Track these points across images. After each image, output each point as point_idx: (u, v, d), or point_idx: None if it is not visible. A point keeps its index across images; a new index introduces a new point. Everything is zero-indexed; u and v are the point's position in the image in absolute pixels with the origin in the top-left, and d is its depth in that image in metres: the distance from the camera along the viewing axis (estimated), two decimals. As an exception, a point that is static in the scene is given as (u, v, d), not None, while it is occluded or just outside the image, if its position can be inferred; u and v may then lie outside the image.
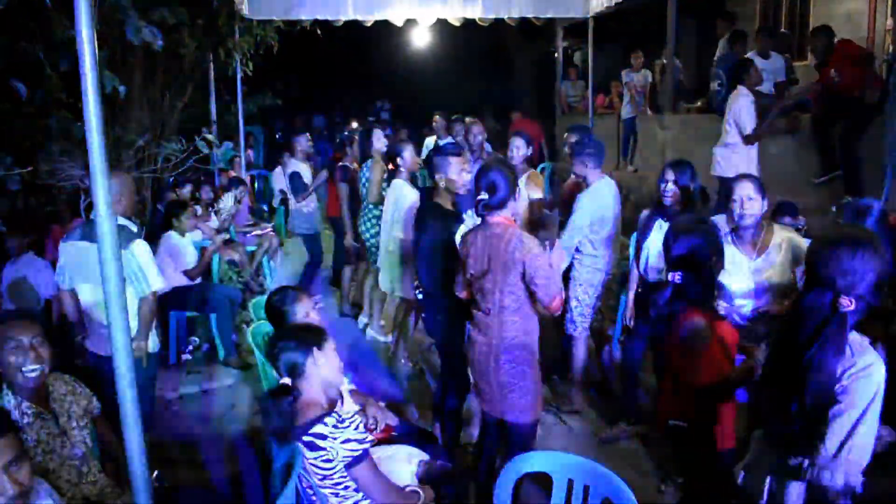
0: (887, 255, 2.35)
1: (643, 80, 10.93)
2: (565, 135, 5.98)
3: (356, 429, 2.75)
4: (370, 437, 3.07)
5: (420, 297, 4.66)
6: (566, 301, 5.19)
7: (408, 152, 5.91)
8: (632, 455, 4.64)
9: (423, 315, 4.84)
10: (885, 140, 6.08)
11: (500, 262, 3.42)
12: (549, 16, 10.66)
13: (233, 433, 5.07)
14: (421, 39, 16.97)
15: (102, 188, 2.41)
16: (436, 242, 4.27)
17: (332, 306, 7.84)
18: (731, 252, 3.78)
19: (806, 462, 2.43)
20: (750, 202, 3.83)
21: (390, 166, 6.17)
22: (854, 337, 2.36)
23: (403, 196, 5.67)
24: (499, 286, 3.45)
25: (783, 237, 3.89)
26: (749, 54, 8.07)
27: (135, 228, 4.22)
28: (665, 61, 10.08)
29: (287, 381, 2.85)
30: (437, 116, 9.84)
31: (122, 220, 4.11)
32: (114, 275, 2.47)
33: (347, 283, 7.64)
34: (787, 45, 9.56)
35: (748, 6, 12.16)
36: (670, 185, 4.42)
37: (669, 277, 3.07)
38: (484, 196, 3.50)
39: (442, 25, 10.55)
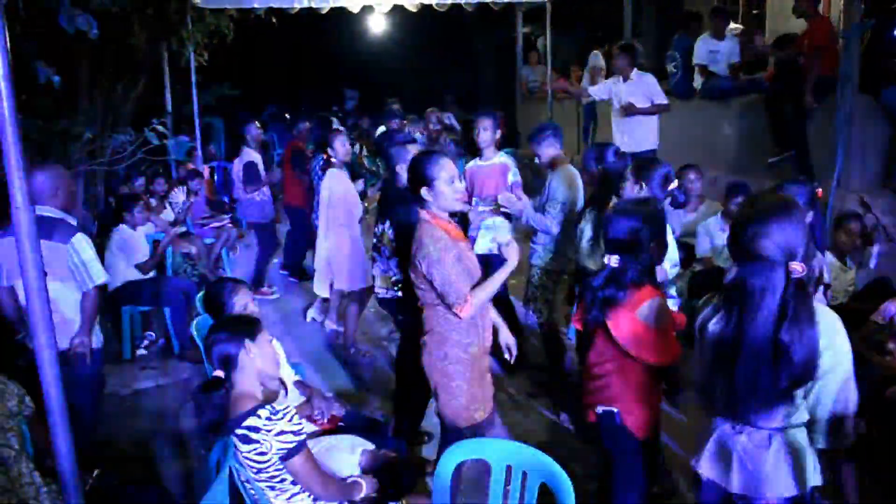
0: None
1: (603, 63, 10.93)
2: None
3: (291, 420, 2.70)
4: (308, 429, 3.02)
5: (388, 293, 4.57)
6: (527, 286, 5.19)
7: (339, 142, 5.97)
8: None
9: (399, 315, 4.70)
10: (836, 120, 6.14)
11: (412, 259, 3.36)
12: (507, 0, 10.65)
13: (188, 428, 5.01)
14: (380, 27, 16.85)
15: (19, 180, 2.36)
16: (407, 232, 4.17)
17: (293, 297, 7.79)
18: None
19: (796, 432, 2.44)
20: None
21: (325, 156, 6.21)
22: None
23: (333, 186, 5.73)
24: (416, 284, 3.39)
25: None
26: (702, 36, 8.09)
27: (74, 222, 4.12)
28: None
29: (220, 373, 2.80)
30: (395, 105, 9.78)
31: (59, 214, 4.02)
32: (32, 268, 2.41)
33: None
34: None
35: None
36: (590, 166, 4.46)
37: (606, 261, 3.03)
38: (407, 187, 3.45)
39: (401, 12, 10.48)
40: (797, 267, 2.28)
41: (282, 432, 2.66)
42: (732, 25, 8.86)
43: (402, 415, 4.38)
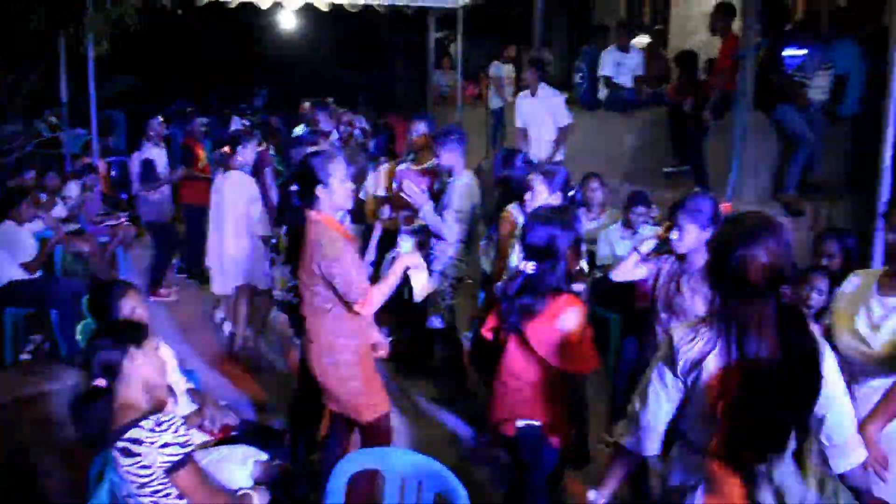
0: None
1: (510, 73, 11.06)
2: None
3: (176, 432, 2.58)
4: (197, 440, 2.91)
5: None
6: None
7: (247, 145, 5.91)
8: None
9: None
10: (733, 134, 6.38)
11: (308, 262, 3.31)
12: (419, 4, 10.66)
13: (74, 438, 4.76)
14: (291, 24, 16.60)
15: None
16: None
17: (192, 300, 7.54)
18: None
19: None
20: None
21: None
22: None
23: (234, 187, 5.67)
24: (309, 286, 3.35)
25: None
26: (609, 48, 8.27)
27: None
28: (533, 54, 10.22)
29: (101, 382, 2.66)
30: (307, 104, 9.62)
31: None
32: None
33: None
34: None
35: (613, 2, 12.52)
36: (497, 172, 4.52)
37: (521, 267, 3.02)
38: (296, 188, 3.38)
39: (313, 11, 10.34)
40: (787, 290, 2.17)
41: (166, 444, 2.55)
42: (639, 39, 9.08)
43: (300, 423, 4.29)
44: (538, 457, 3.12)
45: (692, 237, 3.24)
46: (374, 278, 4.21)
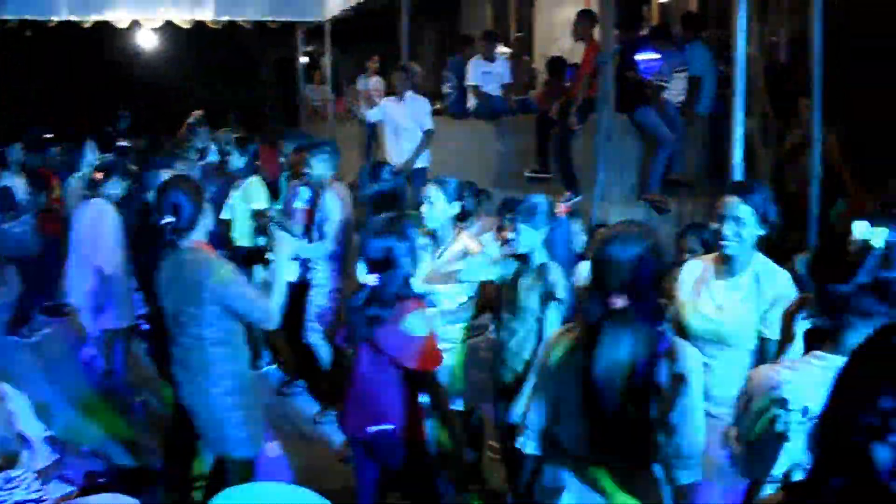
0: None
1: (378, 85, 11.05)
2: None
3: (28, 488, 2.40)
4: (56, 492, 2.72)
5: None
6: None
7: (114, 174, 5.64)
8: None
9: None
10: (597, 138, 6.57)
11: (192, 292, 3.19)
12: (285, 19, 10.50)
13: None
14: (154, 43, 16.03)
15: None
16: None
17: (57, 338, 7.10)
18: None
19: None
20: (430, 205, 3.96)
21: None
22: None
23: (98, 218, 5.44)
24: (195, 318, 3.22)
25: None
26: (474, 58, 8.39)
27: None
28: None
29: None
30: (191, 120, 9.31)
31: None
32: None
33: None
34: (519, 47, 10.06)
35: (481, 11, 12.74)
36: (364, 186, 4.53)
37: (365, 280, 3.08)
38: (170, 219, 3.24)
39: (177, 29, 10.01)
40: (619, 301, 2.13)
41: (18, 503, 2.36)
42: (502, 49, 9.24)
43: (175, 460, 4.09)
44: (394, 460, 3.19)
45: (528, 237, 3.41)
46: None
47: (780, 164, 6.40)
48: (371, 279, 3.07)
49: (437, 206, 4.01)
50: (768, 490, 1.81)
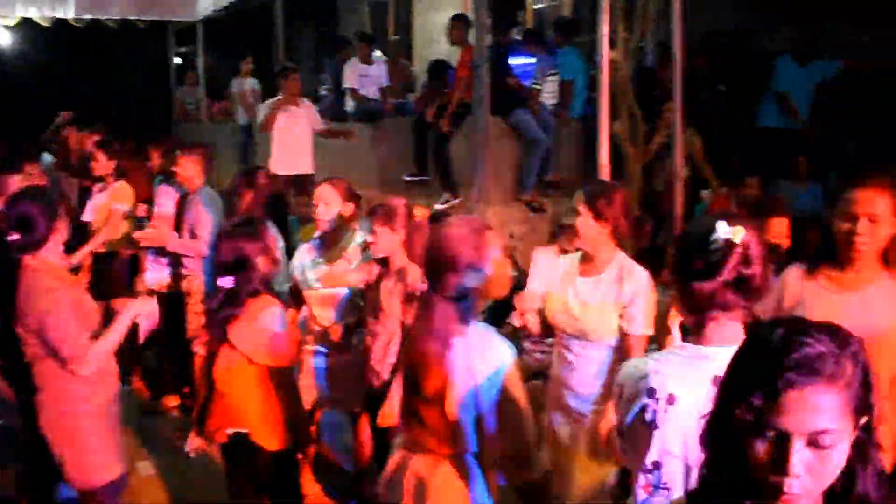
0: None
1: (253, 87, 10.81)
2: None
3: None
4: None
5: None
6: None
7: None
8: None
9: None
10: (473, 140, 6.63)
11: (26, 314, 2.99)
12: (153, 18, 10.12)
13: None
14: (9, 42, 15.11)
15: None
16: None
17: None
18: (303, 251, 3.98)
19: None
20: (325, 207, 3.87)
21: None
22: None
23: None
24: (28, 340, 3.02)
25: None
26: (351, 60, 8.32)
27: None
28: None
29: None
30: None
31: None
32: None
33: None
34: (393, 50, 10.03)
35: (359, 13, 12.64)
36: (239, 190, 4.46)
37: (219, 283, 3.05)
38: (16, 236, 3.01)
39: (37, 27, 9.46)
40: None
41: None
42: (377, 54, 9.18)
43: (31, 492, 3.84)
44: (250, 464, 3.14)
45: (386, 240, 3.45)
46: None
47: (648, 165, 6.63)
48: (226, 282, 3.03)
49: (332, 207, 3.93)
50: (642, 480, 1.84)
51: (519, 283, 5.65)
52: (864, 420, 1.18)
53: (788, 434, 1.12)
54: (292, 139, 7.43)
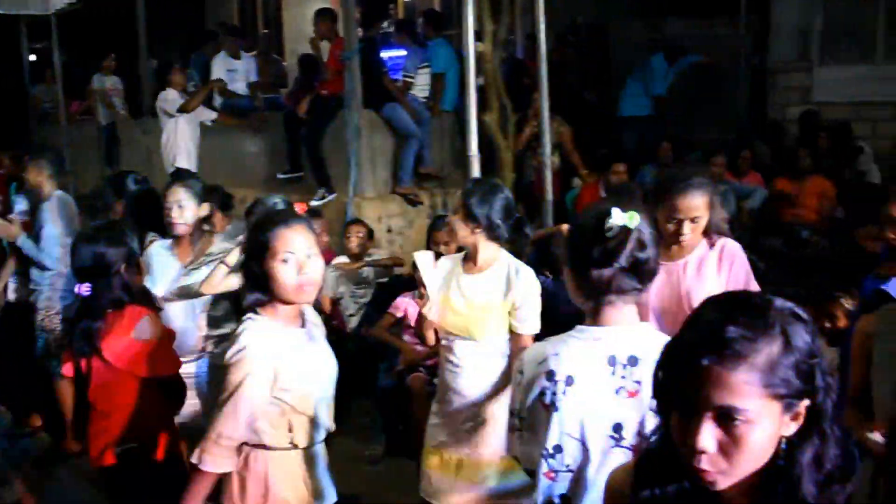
0: None
1: (115, 84, 10.32)
2: None
3: None
4: None
5: None
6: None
7: None
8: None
9: None
10: (347, 135, 6.58)
11: None
12: (0, 11, 9.46)
13: None
14: None
15: None
16: None
17: None
18: (163, 259, 3.76)
19: None
20: (180, 209, 3.71)
21: None
22: None
23: None
24: None
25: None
26: (219, 55, 8.08)
27: None
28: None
29: None
30: None
31: None
32: None
33: None
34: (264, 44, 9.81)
35: (227, 7, 12.27)
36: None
37: (77, 290, 2.89)
38: None
39: None
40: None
41: None
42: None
43: None
44: (141, 480, 2.98)
45: None
46: None
47: (520, 155, 6.76)
48: (84, 289, 2.88)
49: (187, 210, 3.79)
50: (544, 466, 1.86)
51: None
52: (803, 405, 1.17)
53: (697, 409, 1.16)
54: (193, 134, 7.24)
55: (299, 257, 2.20)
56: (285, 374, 2.23)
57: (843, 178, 7.07)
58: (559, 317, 2.27)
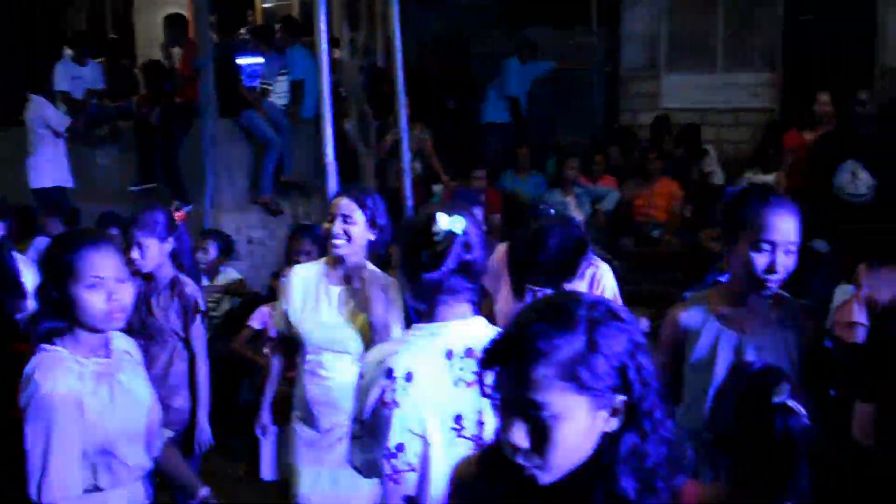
0: None
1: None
2: None
3: None
4: None
5: None
6: None
7: None
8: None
9: None
10: (202, 144, 6.36)
11: None
12: None
13: None
14: None
15: None
16: None
17: None
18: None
19: None
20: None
21: None
22: None
23: None
24: None
25: None
26: (62, 61, 7.64)
27: None
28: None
29: None
30: None
31: None
32: None
33: None
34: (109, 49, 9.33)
35: (78, 12, 11.67)
36: None
37: None
38: None
39: None
40: None
41: None
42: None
43: None
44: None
45: (154, 252, 3.24)
46: None
47: (381, 162, 6.75)
48: None
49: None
50: (386, 467, 1.84)
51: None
52: (618, 400, 1.18)
53: (506, 405, 1.21)
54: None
55: (108, 282, 2.01)
56: (86, 411, 2.00)
57: (691, 179, 7.48)
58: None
